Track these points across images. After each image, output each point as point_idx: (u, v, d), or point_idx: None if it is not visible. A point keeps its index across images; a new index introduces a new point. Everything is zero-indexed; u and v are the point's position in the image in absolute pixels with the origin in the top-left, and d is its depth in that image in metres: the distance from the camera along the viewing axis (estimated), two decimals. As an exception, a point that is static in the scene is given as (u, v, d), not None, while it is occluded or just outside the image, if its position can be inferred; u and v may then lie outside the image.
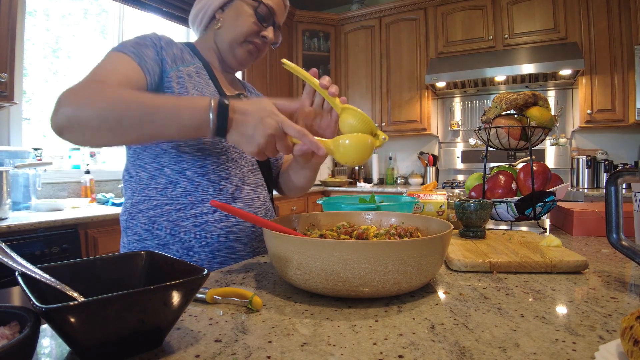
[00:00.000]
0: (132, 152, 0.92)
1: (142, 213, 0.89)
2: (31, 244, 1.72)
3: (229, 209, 0.61)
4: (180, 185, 0.87)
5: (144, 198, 0.89)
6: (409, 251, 0.54)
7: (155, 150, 0.88)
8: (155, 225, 0.87)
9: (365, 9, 3.96)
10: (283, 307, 0.56)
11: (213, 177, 0.89)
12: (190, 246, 0.87)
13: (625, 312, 0.53)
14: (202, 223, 0.87)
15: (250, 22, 0.95)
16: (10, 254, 0.43)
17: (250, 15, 0.95)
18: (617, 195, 0.67)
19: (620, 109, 3.00)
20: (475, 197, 1.22)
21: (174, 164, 0.87)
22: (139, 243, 0.89)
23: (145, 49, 0.84)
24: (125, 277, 0.52)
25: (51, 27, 2.72)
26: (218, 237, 0.88)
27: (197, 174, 0.88)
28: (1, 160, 2.02)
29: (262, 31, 0.96)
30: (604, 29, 3.02)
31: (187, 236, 0.87)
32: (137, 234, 0.89)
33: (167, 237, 0.87)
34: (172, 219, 0.87)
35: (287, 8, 1.04)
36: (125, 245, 0.91)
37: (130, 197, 0.91)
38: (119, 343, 0.39)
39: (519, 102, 1.18)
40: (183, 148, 0.87)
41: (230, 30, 0.95)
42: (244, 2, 0.95)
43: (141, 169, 0.90)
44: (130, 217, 0.90)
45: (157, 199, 0.88)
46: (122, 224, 0.93)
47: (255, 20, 0.95)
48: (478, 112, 3.76)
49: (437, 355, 0.41)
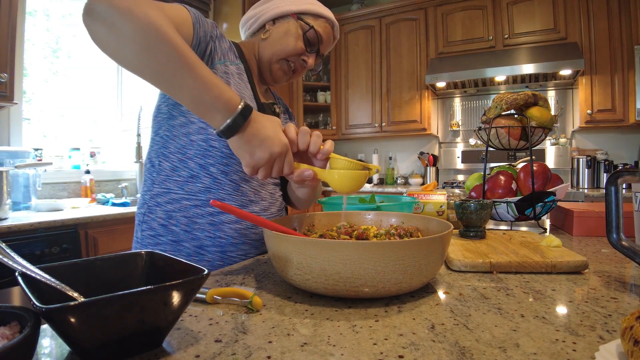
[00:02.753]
0: (159, 139, 0.91)
1: (161, 207, 0.88)
2: (31, 244, 1.72)
3: (228, 209, 0.61)
4: (201, 181, 0.87)
5: (164, 190, 0.89)
6: (409, 251, 0.54)
7: (183, 141, 0.88)
8: (172, 220, 0.87)
9: (365, 9, 3.96)
10: (283, 307, 0.56)
11: (235, 177, 0.89)
12: (202, 245, 0.87)
13: (625, 312, 0.53)
14: (218, 222, 0.88)
15: (297, 42, 0.95)
16: (10, 254, 0.43)
17: (298, 36, 0.95)
18: (617, 196, 0.67)
19: (620, 109, 3.00)
20: (475, 197, 1.22)
21: (200, 157, 0.87)
22: (152, 239, 0.89)
23: (204, 21, 0.84)
24: (125, 277, 0.52)
25: (51, 27, 2.72)
26: (231, 238, 0.89)
27: (221, 171, 0.88)
28: (1, 160, 2.02)
29: (304, 55, 0.97)
30: (604, 29, 3.02)
31: (202, 234, 0.87)
32: (153, 228, 0.89)
33: (182, 234, 0.87)
34: (189, 215, 0.87)
35: (336, 40, 1.05)
36: (139, 240, 0.91)
37: (149, 188, 0.91)
38: (119, 343, 0.39)
39: (519, 102, 1.18)
40: (213, 142, 0.87)
41: (275, 45, 0.96)
42: (297, 22, 0.96)
43: (164, 158, 0.89)
44: (148, 211, 0.90)
45: (177, 193, 0.88)
46: (139, 217, 0.92)
47: (302, 43, 0.96)
48: (478, 112, 3.76)
49: (437, 355, 0.41)
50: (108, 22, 0.62)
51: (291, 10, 0.96)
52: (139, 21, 0.61)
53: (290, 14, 0.96)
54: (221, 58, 0.88)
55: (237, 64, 0.93)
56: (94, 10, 0.62)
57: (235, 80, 0.90)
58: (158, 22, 0.63)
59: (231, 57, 0.92)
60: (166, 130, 0.90)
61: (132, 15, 0.61)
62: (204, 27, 0.83)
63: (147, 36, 0.62)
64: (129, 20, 0.61)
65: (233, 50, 0.95)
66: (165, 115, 0.90)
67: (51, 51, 2.74)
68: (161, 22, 0.63)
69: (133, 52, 0.63)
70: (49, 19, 2.70)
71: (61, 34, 2.77)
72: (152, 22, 0.62)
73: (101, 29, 0.63)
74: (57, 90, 2.76)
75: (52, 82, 2.74)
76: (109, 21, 0.61)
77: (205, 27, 0.83)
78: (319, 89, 4.24)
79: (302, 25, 0.95)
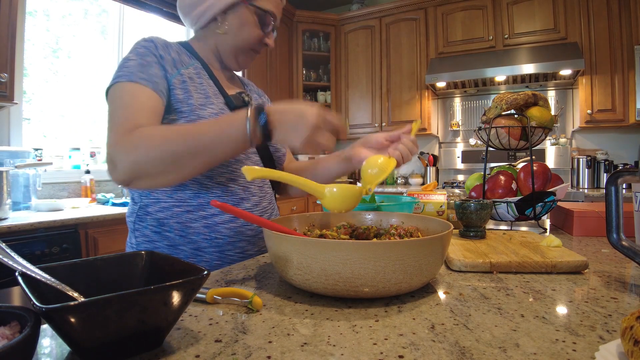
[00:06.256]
0: None
1: (151, 215, 0.88)
2: (31, 244, 1.72)
3: (229, 209, 0.61)
4: (189, 188, 0.87)
5: (153, 200, 0.89)
6: (409, 251, 0.54)
7: None
8: (164, 227, 0.87)
9: (365, 9, 3.96)
10: (283, 307, 0.56)
11: (221, 179, 0.89)
12: (200, 247, 0.87)
13: (625, 312, 0.53)
14: (212, 224, 0.87)
15: (255, 31, 0.95)
16: (10, 254, 0.43)
17: (254, 24, 0.94)
18: (617, 195, 0.67)
19: (620, 109, 3.00)
20: (475, 197, 1.22)
21: None
22: (149, 244, 0.89)
23: (150, 68, 0.83)
24: (125, 277, 0.52)
25: (51, 27, 2.72)
26: (228, 238, 0.89)
27: (205, 176, 0.88)
28: (1, 160, 2.02)
29: (265, 38, 0.97)
30: (604, 29, 3.02)
31: (197, 237, 0.87)
32: (146, 235, 0.89)
33: (177, 239, 0.87)
34: (182, 220, 0.87)
35: (284, 3, 1.03)
36: (134, 246, 0.91)
37: (137, 200, 0.91)
38: (119, 343, 0.39)
39: (519, 102, 1.18)
40: None
41: (235, 38, 0.95)
42: (248, 9, 0.93)
43: None
44: (138, 220, 0.90)
45: (167, 201, 0.88)
46: (130, 225, 0.92)
47: (259, 29, 0.95)
48: (478, 112, 3.76)
49: (437, 355, 0.41)
50: (143, 175, 0.73)
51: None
52: (150, 155, 0.72)
53: (240, 1, 0.93)
54: (173, 71, 0.87)
55: (192, 64, 0.92)
56: (129, 180, 0.74)
57: (195, 83, 0.89)
58: (158, 139, 0.72)
59: (184, 60, 0.91)
60: None
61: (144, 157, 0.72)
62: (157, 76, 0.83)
63: (166, 152, 0.72)
64: (146, 159, 0.72)
65: (184, 51, 0.94)
66: None
67: (51, 51, 2.74)
68: (160, 138, 0.72)
69: (169, 172, 0.74)
70: (49, 19, 2.70)
71: (61, 34, 2.77)
72: (155, 145, 0.72)
73: (146, 181, 0.74)
74: (57, 90, 2.76)
75: (52, 82, 2.74)
76: (144, 174, 0.73)
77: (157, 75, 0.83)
78: (319, 89, 4.24)
79: (255, 11, 0.93)
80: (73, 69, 2.84)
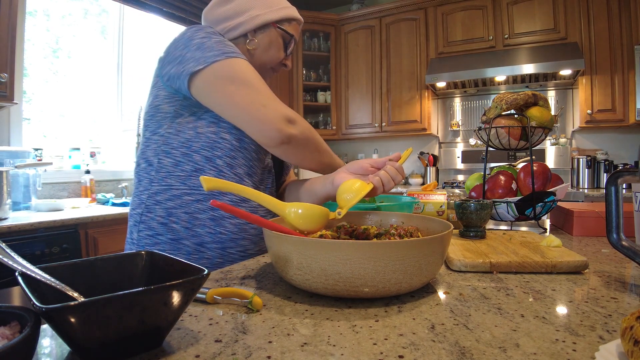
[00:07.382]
0: (158, 138, 0.91)
1: (160, 205, 0.89)
2: (31, 244, 1.72)
3: (228, 208, 0.61)
4: (206, 173, 0.88)
5: (164, 187, 0.89)
6: (409, 251, 0.54)
7: (189, 135, 0.89)
8: (172, 217, 0.88)
9: (365, 9, 3.96)
10: (283, 307, 0.56)
11: (239, 170, 0.91)
12: (203, 242, 0.87)
13: (625, 312, 0.53)
14: (219, 217, 0.88)
15: (280, 52, 1.03)
16: (10, 254, 0.43)
17: (280, 46, 1.02)
18: (617, 195, 0.67)
19: (620, 109, 3.00)
20: (475, 197, 1.22)
21: (207, 149, 0.88)
22: (151, 239, 0.88)
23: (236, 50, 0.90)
24: (125, 277, 0.52)
25: (51, 27, 2.72)
26: (231, 234, 0.89)
27: (227, 163, 0.89)
28: (1, 160, 2.02)
29: (285, 60, 1.06)
30: (604, 29, 3.02)
31: (202, 230, 0.87)
32: (151, 228, 0.89)
33: (182, 231, 0.87)
34: (190, 210, 0.87)
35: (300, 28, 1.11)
36: (135, 241, 0.91)
37: (147, 187, 0.91)
38: (119, 343, 0.39)
39: (519, 102, 1.18)
40: (224, 134, 0.89)
41: (262, 57, 1.02)
42: (277, 32, 1.01)
43: (165, 155, 0.90)
44: (146, 210, 0.90)
45: (178, 188, 0.88)
46: (135, 218, 0.92)
47: (283, 51, 1.04)
48: (478, 112, 3.76)
49: (437, 355, 0.41)
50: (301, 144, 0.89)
51: (272, 19, 0.99)
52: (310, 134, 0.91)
53: (270, 23, 1.00)
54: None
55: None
56: (292, 138, 0.86)
57: None
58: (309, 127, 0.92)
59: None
60: (169, 128, 0.90)
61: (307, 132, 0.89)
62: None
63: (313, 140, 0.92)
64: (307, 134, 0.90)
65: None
66: (170, 114, 0.91)
67: (51, 51, 2.74)
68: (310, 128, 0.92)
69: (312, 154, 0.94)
70: (49, 19, 2.70)
71: (61, 34, 2.77)
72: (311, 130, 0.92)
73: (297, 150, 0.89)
74: (57, 90, 2.76)
75: (52, 82, 2.74)
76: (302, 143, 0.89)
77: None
78: (319, 89, 4.24)
79: (282, 34, 1.02)
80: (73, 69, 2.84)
